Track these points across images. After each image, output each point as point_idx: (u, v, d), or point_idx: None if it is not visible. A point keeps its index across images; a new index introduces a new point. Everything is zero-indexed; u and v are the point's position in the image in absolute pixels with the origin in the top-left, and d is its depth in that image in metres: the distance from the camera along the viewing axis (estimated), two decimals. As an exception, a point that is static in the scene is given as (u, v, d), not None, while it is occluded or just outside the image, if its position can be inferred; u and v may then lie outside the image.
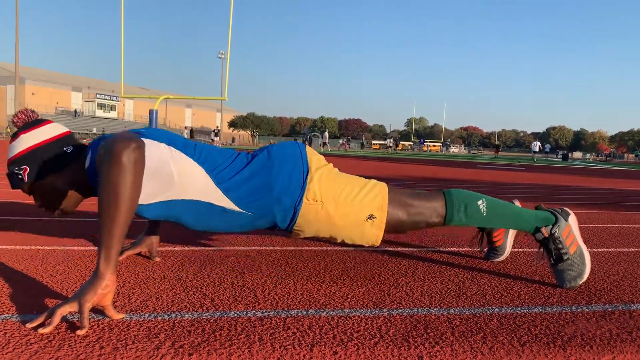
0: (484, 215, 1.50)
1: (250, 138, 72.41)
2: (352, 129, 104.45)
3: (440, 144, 56.75)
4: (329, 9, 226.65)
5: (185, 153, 1.40)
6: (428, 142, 55.40)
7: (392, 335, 1.11)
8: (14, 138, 1.42)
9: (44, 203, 1.48)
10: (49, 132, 1.45)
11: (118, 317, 1.15)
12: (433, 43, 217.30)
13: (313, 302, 1.32)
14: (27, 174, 1.41)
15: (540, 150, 29.32)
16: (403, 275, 1.63)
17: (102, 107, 66.60)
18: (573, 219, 1.56)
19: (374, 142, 57.55)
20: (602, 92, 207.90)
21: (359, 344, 1.06)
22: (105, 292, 1.11)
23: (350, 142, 52.00)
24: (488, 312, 1.29)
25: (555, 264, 1.53)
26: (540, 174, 9.74)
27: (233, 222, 1.44)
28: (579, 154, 68.45)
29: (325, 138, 34.94)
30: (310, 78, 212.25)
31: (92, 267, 1.60)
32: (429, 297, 1.40)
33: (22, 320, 1.12)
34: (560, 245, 1.51)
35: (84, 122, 57.01)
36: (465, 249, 2.10)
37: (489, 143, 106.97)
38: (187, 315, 1.19)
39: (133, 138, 1.14)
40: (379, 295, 1.40)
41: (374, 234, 1.46)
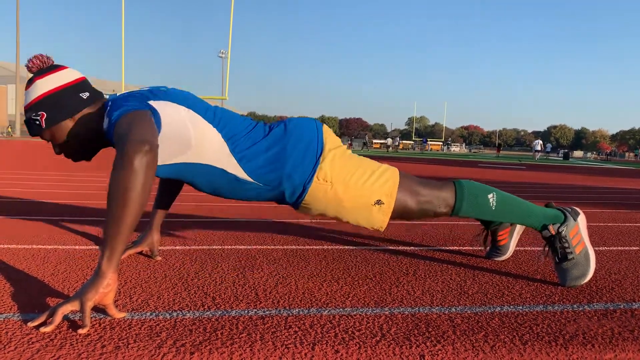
0: (493, 210, 1.50)
1: (251, 138, 72.16)
2: (352, 128, 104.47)
3: (441, 143, 56.71)
4: (330, 8, 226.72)
5: (205, 118, 1.41)
6: (429, 141, 55.31)
7: (393, 334, 1.11)
8: (29, 84, 1.38)
9: (63, 149, 1.44)
10: (65, 77, 1.40)
11: (119, 316, 1.15)
12: (433, 43, 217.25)
13: (314, 300, 1.32)
14: (44, 120, 1.37)
15: (542, 149, 29.25)
16: (404, 274, 1.63)
17: (103, 106, 66.43)
18: (582, 219, 1.56)
19: (375, 141, 57.48)
20: (603, 90, 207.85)
21: (361, 343, 1.06)
22: (107, 291, 1.11)
23: (353, 142, 51.91)
24: (489, 310, 1.29)
25: (560, 263, 1.53)
26: (542, 173, 9.74)
27: (242, 191, 1.46)
28: (580, 153, 68.31)
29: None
30: (311, 77, 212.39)
31: (93, 266, 1.60)
32: (431, 295, 1.40)
33: (23, 319, 1.12)
34: (566, 244, 1.51)
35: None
36: (467, 248, 2.10)
37: (490, 142, 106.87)
38: (188, 314, 1.19)
39: (146, 140, 1.12)
40: (381, 294, 1.40)
41: (380, 219, 1.47)
